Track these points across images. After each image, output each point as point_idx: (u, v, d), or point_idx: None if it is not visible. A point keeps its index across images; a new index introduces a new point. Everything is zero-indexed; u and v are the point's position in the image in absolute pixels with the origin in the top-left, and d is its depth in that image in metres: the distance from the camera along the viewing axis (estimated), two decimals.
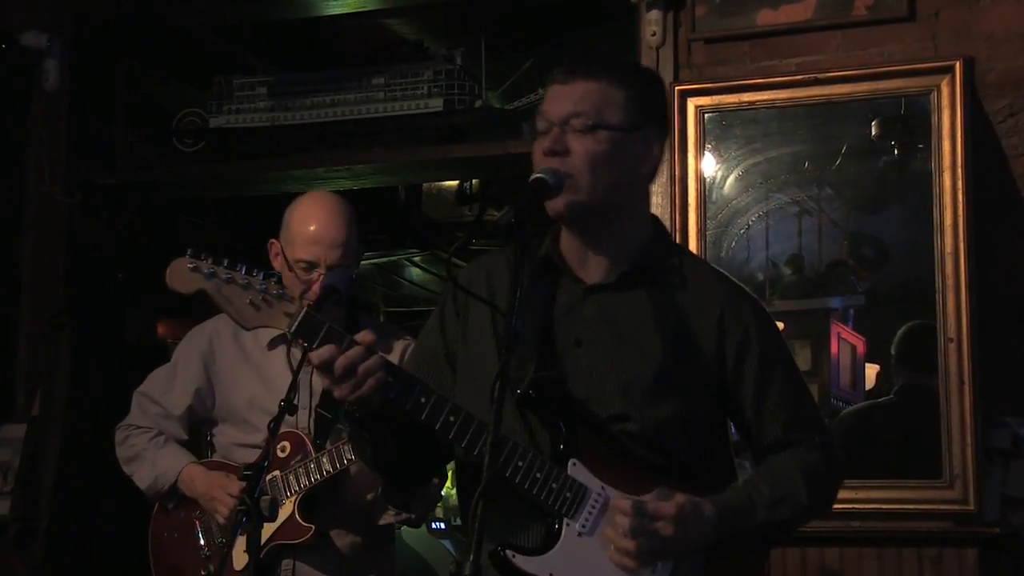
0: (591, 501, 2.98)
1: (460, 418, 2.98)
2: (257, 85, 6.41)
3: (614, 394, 3.04)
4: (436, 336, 3.26)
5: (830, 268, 5.16)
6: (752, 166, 5.29)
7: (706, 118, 5.31)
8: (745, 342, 3.11)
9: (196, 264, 3.07)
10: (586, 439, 3.01)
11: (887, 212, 5.13)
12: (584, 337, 3.09)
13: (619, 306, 3.11)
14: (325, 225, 4.26)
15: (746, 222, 5.26)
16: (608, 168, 3.06)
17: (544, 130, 3.08)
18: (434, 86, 6.08)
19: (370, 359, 2.94)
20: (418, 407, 2.98)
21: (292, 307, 3.02)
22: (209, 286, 3.05)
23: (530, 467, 2.96)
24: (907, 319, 5.03)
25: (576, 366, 3.07)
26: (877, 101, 5.14)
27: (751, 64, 5.35)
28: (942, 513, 4.91)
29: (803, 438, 3.14)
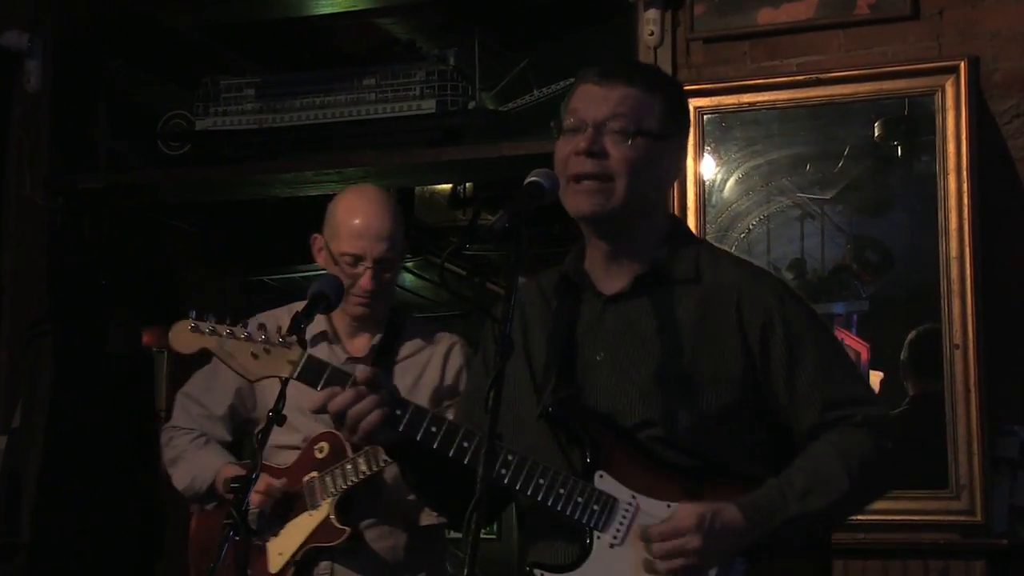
0: (621, 511, 3.00)
1: (474, 443, 3.02)
2: (245, 86, 6.42)
3: (637, 402, 3.05)
4: (481, 376, 3.30)
5: (833, 273, 5.17)
6: (753, 168, 5.30)
7: (705, 120, 5.32)
8: (768, 324, 3.07)
9: (197, 325, 3.24)
10: (612, 450, 3.04)
11: (891, 215, 5.14)
12: (605, 350, 3.11)
13: (638, 312, 3.12)
14: (370, 217, 4.28)
15: (747, 226, 5.27)
16: (643, 176, 3.09)
17: (574, 128, 3.11)
18: (427, 87, 6.09)
19: (367, 398, 3.01)
20: (429, 437, 3.04)
21: (293, 353, 3.14)
22: (212, 344, 3.22)
23: (552, 484, 2.99)
24: (912, 325, 5.04)
25: (599, 380, 3.09)
26: (880, 102, 5.15)
27: (751, 64, 5.36)
28: (948, 524, 4.92)
29: (842, 417, 3.06)
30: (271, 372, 3.15)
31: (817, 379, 3.07)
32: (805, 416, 3.07)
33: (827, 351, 3.14)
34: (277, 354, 3.14)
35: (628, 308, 3.13)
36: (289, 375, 3.11)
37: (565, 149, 3.11)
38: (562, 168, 3.11)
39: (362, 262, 4.25)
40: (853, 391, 3.13)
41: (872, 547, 4.98)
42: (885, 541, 4.97)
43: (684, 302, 3.11)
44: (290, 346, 3.13)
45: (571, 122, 3.12)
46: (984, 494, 4.86)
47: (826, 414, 3.06)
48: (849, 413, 3.06)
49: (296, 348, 3.13)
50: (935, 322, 4.98)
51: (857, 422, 3.06)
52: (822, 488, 3.00)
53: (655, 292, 3.13)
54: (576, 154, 3.07)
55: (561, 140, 3.14)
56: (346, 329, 4.43)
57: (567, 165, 3.09)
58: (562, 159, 3.11)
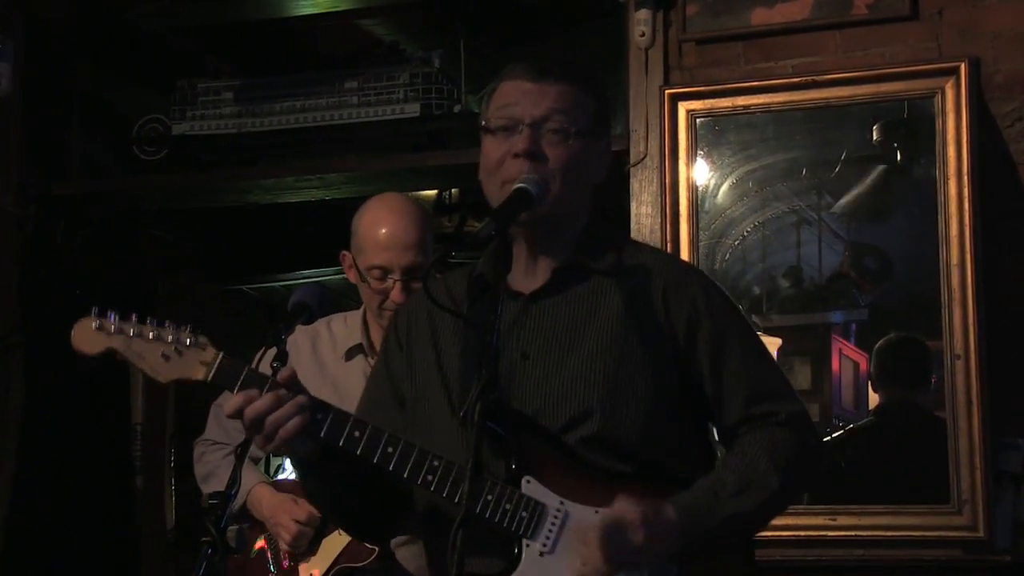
0: (550, 518, 2.98)
1: (399, 448, 3.00)
2: (223, 89, 6.40)
3: (566, 402, 3.05)
4: (383, 377, 3.31)
5: (830, 281, 5.18)
6: (747, 173, 5.30)
7: (698, 123, 5.33)
8: (694, 317, 3.10)
9: (101, 322, 3.11)
10: (539, 454, 3.02)
11: (890, 221, 5.15)
12: (530, 349, 3.11)
13: (560, 307, 3.13)
14: (395, 227, 4.26)
15: (741, 233, 5.27)
16: (577, 177, 3.12)
17: (507, 127, 3.10)
18: (411, 90, 6.08)
19: (287, 403, 2.97)
20: (352, 442, 3.00)
21: (207, 354, 3.06)
22: (117, 344, 3.09)
23: (479, 491, 2.96)
24: (912, 334, 5.04)
25: (525, 380, 3.08)
26: (878, 104, 5.15)
27: (746, 66, 5.37)
28: (950, 540, 4.91)
29: (766, 413, 3.10)
30: (183, 375, 3.07)
31: (741, 373, 3.11)
32: (729, 411, 3.11)
33: (750, 346, 3.19)
34: (190, 355, 3.06)
35: (550, 304, 3.13)
36: (203, 378, 3.05)
37: (498, 150, 3.10)
38: (494, 169, 3.11)
39: (391, 275, 4.23)
40: (778, 388, 3.18)
41: (872, 564, 4.98)
42: (885, 558, 4.97)
43: (607, 294, 3.12)
44: (203, 347, 3.07)
45: (502, 120, 3.11)
46: (987, 509, 4.86)
47: (750, 408, 3.10)
48: (773, 410, 3.11)
49: (210, 349, 3.06)
50: (935, 332, 4.98)
51: (781, 420, 3.10)
52: (753, 487, 3.03)
53: (576, 286, 3.14)
54: (514, 156, 3.07)
55: (490, 139, 3.13)
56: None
57: (502, 167, 3.09)
58: (495, 160, 3.11)
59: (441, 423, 3.11)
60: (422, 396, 3.20)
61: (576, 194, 3.13)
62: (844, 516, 4.96)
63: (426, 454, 2.99)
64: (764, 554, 4.29)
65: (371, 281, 4.26)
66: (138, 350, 3.07)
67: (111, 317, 3.10)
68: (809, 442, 3.16)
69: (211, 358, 3.05)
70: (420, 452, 2.99)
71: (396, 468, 2.99)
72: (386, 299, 4.25)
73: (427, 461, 2.98)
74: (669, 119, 5.30)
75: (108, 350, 3.10)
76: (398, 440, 3.00)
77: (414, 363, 3.23)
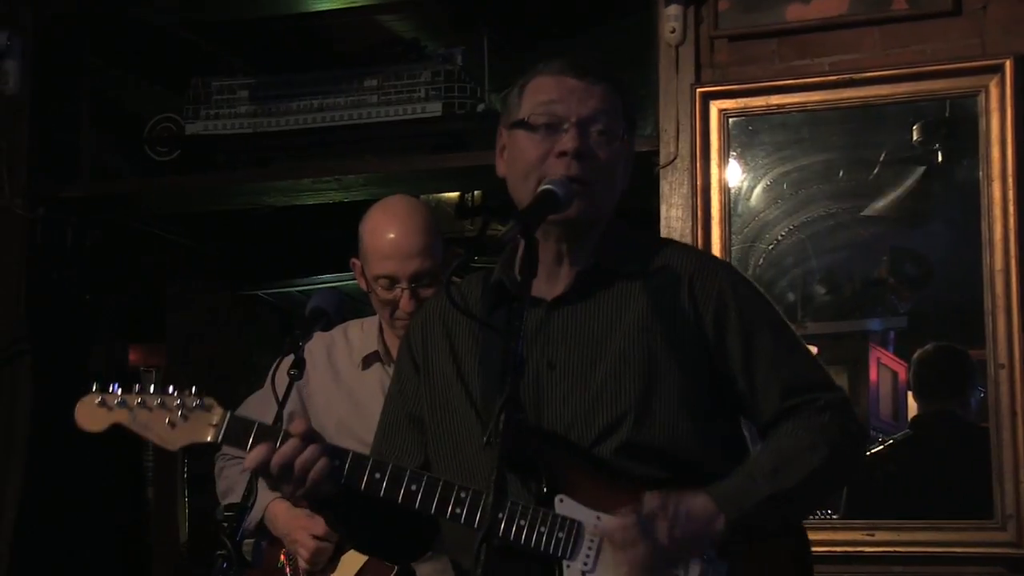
0: (588, 535, 2.97)
1: (423, 485, 2.99)
2: (238, 88, 6.42)
3: (598, 412, 3.04)
4: (396, 401, 3.30)
5: (868, 287, 5.17)
6: (781, 175, 5.30)
7: (731, 123, 5.32)
8: (721, 312, 3.09)
9: (103, 398, 3.13)
10: (570, 470, 3.01)
11: (930, 226, 5.14)
12: (556, 358, 3.09)
13: (585, 313, 3.11)
14: (398, 234, 4.22)
15: (775, 236, 5.26)
16: (613, 179, 3.13)
17: (551, 124, 3.08)
18: (432, 88, 6.09)
19: (306, 450, 2.98)
20: (373, 484, 3.01)
21: (214, 415, 3.08)
22: (122, 417, 3.12)
23: (511, 517, 2.96)
24: (953, 343, 5.03)
25: (553, 391, 3.08)
26: (919, 104, 5.14)
27: (780, 63, 5.36)
28: (993, 557, 4.90)
29: (804, 402, 3.09)
30: (192, 439, 3.09)
31: (775, 365, 3.10)
32: (766, 405, 3.10)
33: (783, 337, 3.17)
34: (196, 418, 3.08)
35: (574, 310, 3.12)
36: (213, 439, 3.07)
37: (539, 147, 3.08)
38: (533, 167, 3.08)
39: (398, 284, 4.22)
40: (812, 377, 3.16)
41: None
42: (925, 574, 4.95)
43: (632, 296, 3.11)
44: (209, 408, 3.09)
45: (545, 117, 3.09)
46: None
47: (787, 400, 3.09)
48: (811, 398, 3.09)
49: (217, 409, 3.08)
50: (977, 340, 4.95)
51: (820, 406, 3.09)
52: (792, 465, 3.01)
53: (599, 290, 3.13)
54: (560, 154, 3.05)
55: (528, 135, 3.10)
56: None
57: (543, 165, 3.07)
58: (535, 158, 3.08)
59: (468, 437, 3.10)
60: (445, 412, 3.18)
61: (612, 198, 3.14)
62: (882, 531, 4.95)
63: (451, 487, 2.98)
64: None
65: (379, 291, 4.25)
66: (144, 421, 3.10)
67: (114, 390, 3.13)
68: (850, 427, 3.13)
69: (218, 419, 3.08)
70: (445, 486, 2.98)
71: (422, 505, 2.99)
72: (396, 308, 4.23)
73: (453, 494, 2.97)
74: (700, 118, 5.29)
75: (114, 425, 3.12)
76: (421, 477, 3.00)
77: (433, 380, 3.22)
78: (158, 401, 3.09)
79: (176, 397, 3.09)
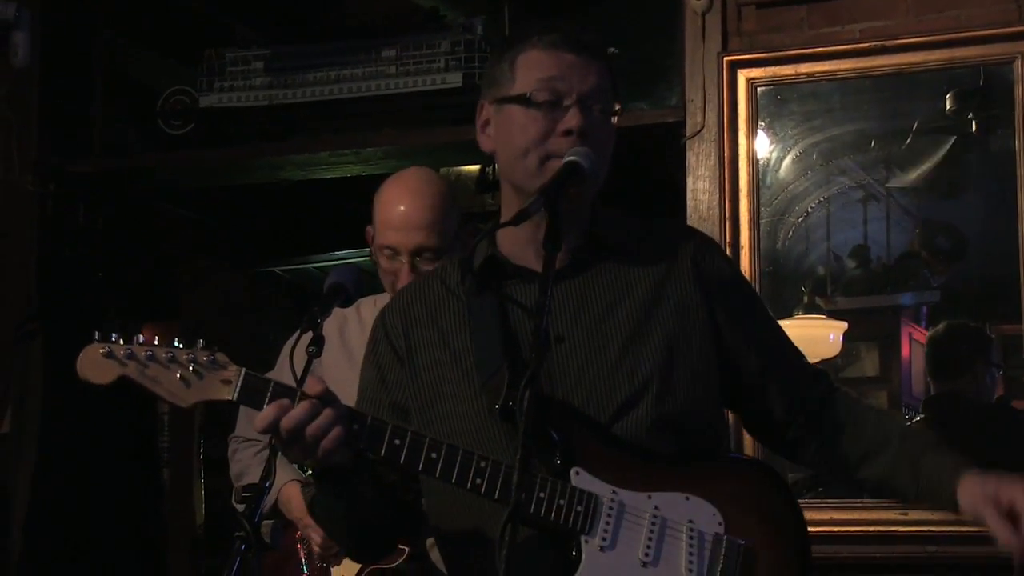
0: (605, 510, 2.98)
1: (443, 453, 2.97)
2: (253, 59, 6.43)
3: (617, 386, 3.06)
4: (377, 390, 3.27)
5: (900, 261, 5.18)
6: (811, 146, 5.31)
7: (759, 92, 5.33)
8: (725, 286, 3.19)
9: (109, 349, 3.04)
10: (584, 443, 3.02)
11: (964, 197, 5.15)
12: (563, 331, 3.11)
13: (586, 288, 3.14)
14: (409, 206, 4.26)
15: (805, 209, 5.28)
16: (607, 156, 3.14)
17: (551, 101, 3.08)
18: (452, 59, 6.10)
19: (321, 415, 2.93)
20: (393, 450, 2.98)
21: (229, 372, 3.03)
22: (129, 370, 3.03)
23: (530, 489, 2.96)
24: (987, 317, 5.05)
25: (563, 364, 3.09)
26: (953, 71, 5.15)
27: (809, 31, 5.36)
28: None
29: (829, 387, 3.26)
30: (205, 396, 3.03)
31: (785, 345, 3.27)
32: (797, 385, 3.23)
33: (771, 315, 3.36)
34: (210, 375, 3.02)
35: (573, 284, 3.14)
36: (229, 397, 3.02)
37: (540, 123, 3.07)
38: (535, 144, 3.07)
39: (399, 256, 4.25)
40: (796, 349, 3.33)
41: (945, 561, 4.98)
42: (959, 555, 4.97)
43: (633, 270, 3.15)
44: (224, 365, 3.03)
45: (546, 94, 3.08)
46: None
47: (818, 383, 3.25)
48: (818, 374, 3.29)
49: (231, 366, 3.03)
50: (1013, 315, 4.97)
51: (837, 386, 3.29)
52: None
53: (596, 264, 3.15)
54: (565, 133, 3.05)
55: (527, 111, 3.09)
56: None
57: (547, 142, 3.06)
58: (537, 134, 3.07)
59: (463, 420, 3.10)
60: (437, 396, 3.18)
61: (604, 176, 3.14)
62: (916, 511, 4.96)
63: (471, 456, 2.97)
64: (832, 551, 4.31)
65: (382, 260, 4.29)
66: (153, 375, 3.02)
67: (119, 340, 3.04)
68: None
69: (233, 375, 3.02)
70: (465, 454, 2.97)
71: (443, 473, 2.97)
72: (396, 280, 4.26)
73: (473, 463, 2.96)
74: (728, 88, 5.30)
75: (120, 378, 3.03)
76: (440, 444, 2.98)
77: (419, 367, 3.21)
78: (169, 355, 3.02)
79: (187, 351, 3.02)
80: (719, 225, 5.16)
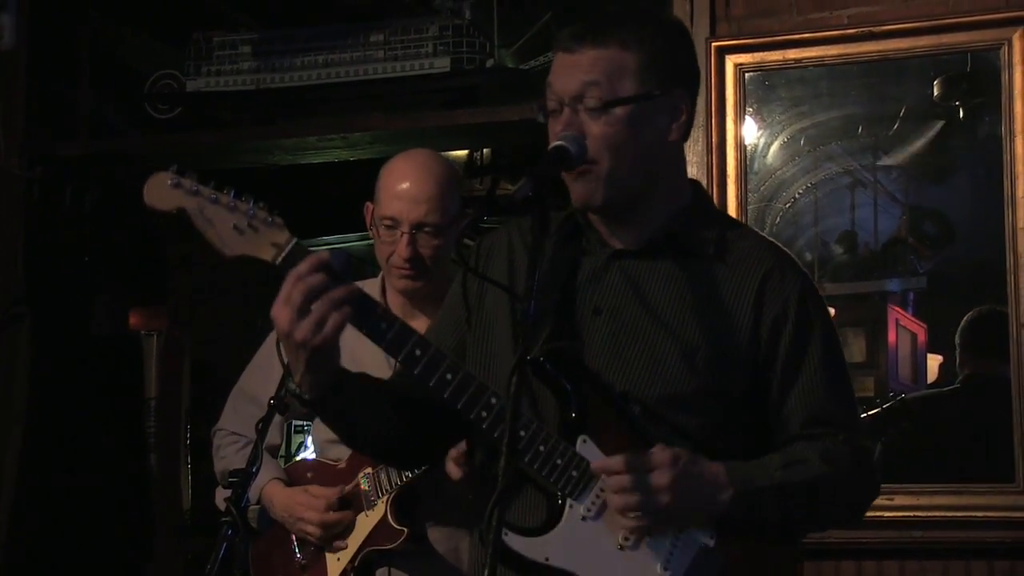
0: (599, 483, 3.00)
1: (458, 377, 3.02)
2: (240, 43, 6.43)
3: (631, 371, 3.09)
4: (459, 299, 3.34)
5: (887, 247, 5.20)
6: (799, 132, 5.33)
7: (747, 78, 5.35)
8: (781, 318, 3.11)
9: (179, 180, 3.10)
10: (599, 415, 3.05)
11: (951, 183, 5.16)
12: (605, 306, 3.14)
13: (646, 275, 3.15)
14: (413, 180, 4.29)
15: (792, 195, 5.29)
16: (629, 149, 3.09)
17: (555, 109, 3.11)
18: (440, 43, 6.10)
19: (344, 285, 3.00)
20: (411, 360, 3.02)
21: (281, 236, 3.06)
22: (191, 204, 3.08)
23: (533, 439, 3.00)
24: (974, 303, 5.06)
25: (594, 336, 3.12)
26: (940, 57, 5.17)
27: (798, 16, 5.37)
28: (1015, 521, 4.95)
29: (823, 433, 3.12)
30: (251, 251, 3.07)
31: (810, 391, 3.13)
32: (788, 423, 3.14)
33: (829, 366, 3.17)
34: (263, 232, 3.05)
35: (635, 267, 3.16)
36: (271, 259, 3.05)
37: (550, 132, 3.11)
38: None
39: (399, 227, 4.27)
40: (845, 415, 3.19)
41: (931, 546, 5.02)
42: (945, 540, 5.01)
43: (698, 276, 3.14)
44: (280, 228, 3.06)
45: (551, 102, 3.11)
46: None
47: (807, 428, 3.12)
48: (831, 431, 3.13)
49: (286, 232, 3.06)
50: (1000, 300, 5.00)
51: (838, 440, 3.12)
52: (804, 466, 3.05)
53: (667, 259, 3.16)
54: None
55: (550, 123, 3.13)
56: (401, 310, 4.37)
57: None
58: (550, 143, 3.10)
59: (503, 358, 3.13)
60: (486, 324, 3.24)
61: (636, 168, 3.11)
62: (901, 496, 5.00)
63: (484, 389, 3.01)
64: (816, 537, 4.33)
65: (381, 232, 4.30)
66: (210, 216, 3.06)
67: (190, 175, 3.09)
68: (863, 462, 3.18)
69: (284, 240, 3.05)
70: (479, 386, 3.01)
71: (451, 397, 3.01)
72: (392, 253, 4.27)
73: (484, 397, 3.00)
74: (716, 74, 5.32)
75: (180, 209, 3.08)
76: (458, 369, 3.03)
77: (486, 289, 3.26)
78: (231, 203, 3.06)
79: (248, 205, 3.06)
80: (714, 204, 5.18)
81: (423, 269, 4.29)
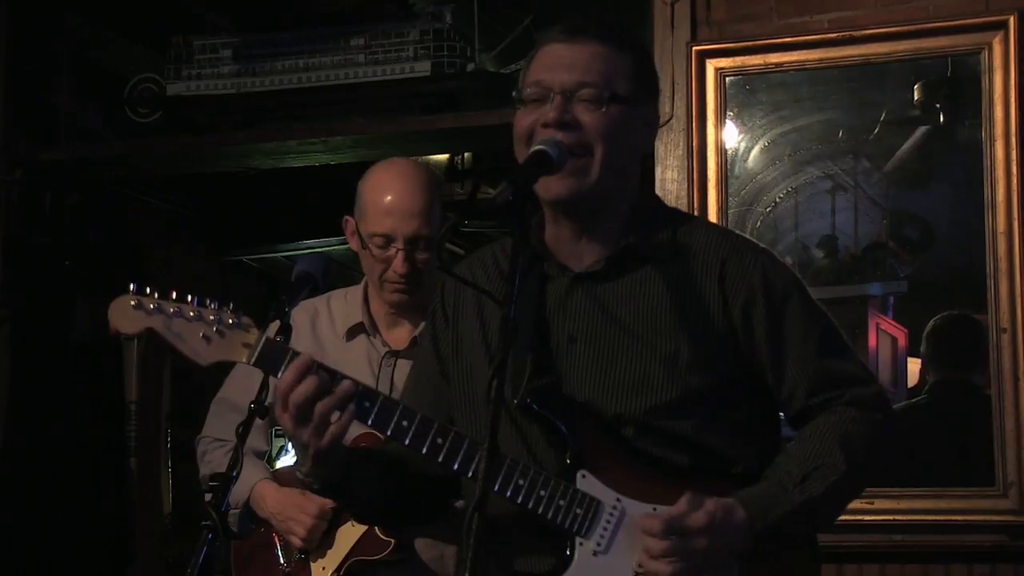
0: (605, 516, 3.00)
1: (448, 439, 3.01)
2: (221, 47, 6.43)
3: (619, 393, 3.07)
4: (429, 353, 3.33)
5: (867, 251, 5.20)
6: (779, 136, 5.33)
7: (727, 82, 5.35)
8: (750, 302, 3.10)
9: (139, 301, 3.12)
10: (595, 447, 3.04)
11: (932, 187, 5.17)
12: (579, 333, 3.12)
13: (611, 296, 3.13)
14: (401, 193, 4.26)
15: (773, 199, 5.29)
16: (619, 147, 3.10)
17: (538, 98, 3.09)
18: (421, 48, 6.10)
19: (340, 387, 2.99)
20: (399, 432, 3.02)
21: (250, 335, 3.08)
22: (156, 323, 3.10)
23: (532, 484, 2.99)
24: (954, 307, 5.06)
25: (574, 365, 3.10)
26: (920, 62, 5.17)
27: (778, 21, 5.38)
28: (995, 525, 4.96)
29: (830, 398, 3.10)
30: (224, 357, 3.09)
31: (802, 360, 3.11)
32: (793, 399, 3.12)
33: (813, 328, 3.15)
34: (232, 336, 3.07)
35: (600, 290, 3.14)
36: (246, 360, 3.07)
37: (527, 120, 3.09)
38: (523, 140, 3.09)
39: (393, 243, 4.24)
40: (841, 369, 3.16)
41: (911, 550, 5.03)
42: (925, 543, 5.01)
43: (661, 281, 3.12)
44: (247, 328, 3.08)
45: (533, 91, 3.10)
46: None
47: (814, 398, 3.11)
48: (837, 394, 3.11)
49: (254, 330, 3.08)
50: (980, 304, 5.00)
51: (847, 400, 3.10)
52: (821, 471, 3.02)
53: (628, 272, 3.14)
54: (544, 126, 3.06)
55: (521, 111, 3.12)
56: (385, 319, 4.40)
57: (532, 138, 3.07)
58: (524, 131, 3.09)
59: (484, 398, 3.11)
60: (466, 370, 3.22)
61: (621, 165, 3.12)
62: (882, 500, 5.00)
63: (477, 447, 2.99)
64: None
65: (373, 249, 4.27)
66: (178, 331, 3.09)
67: (150, 294, 3.11)
68: (877, 419, 3.13)
69: (254, 340, 3.07)
70: (471, 445, 3.01)
71: (446, 460, 3.01)
72: (388, 269, 4.25)
73: (479, 454, 2.94)
74: (697, 78, 5.32)
75: (147, 330, 3.11)
76: (448, 431, 3.02)
77: (460, 336, 3.25)
78: (195, 312, 3.08)
79: (213, 311, 3.08)
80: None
81: (418, 282, 4.27)
